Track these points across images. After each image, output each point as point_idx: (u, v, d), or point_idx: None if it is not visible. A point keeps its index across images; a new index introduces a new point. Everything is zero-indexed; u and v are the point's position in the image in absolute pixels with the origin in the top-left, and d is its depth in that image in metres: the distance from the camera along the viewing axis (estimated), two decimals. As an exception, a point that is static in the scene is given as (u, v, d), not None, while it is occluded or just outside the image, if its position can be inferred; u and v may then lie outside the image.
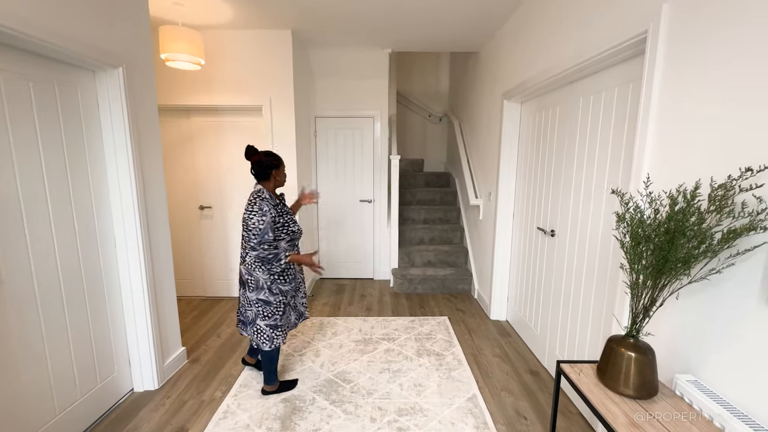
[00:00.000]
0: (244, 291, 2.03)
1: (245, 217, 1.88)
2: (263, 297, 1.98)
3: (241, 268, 2.01)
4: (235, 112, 3.40)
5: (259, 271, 1.95)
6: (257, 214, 1.86)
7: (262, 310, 1.99)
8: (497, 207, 3.08)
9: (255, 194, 1.92)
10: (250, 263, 1.94)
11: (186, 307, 3.51)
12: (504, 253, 3.13)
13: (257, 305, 1.99)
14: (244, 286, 2.01)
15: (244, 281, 2.01)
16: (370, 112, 4.02)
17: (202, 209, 3.57)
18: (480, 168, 3.68)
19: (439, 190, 4.74)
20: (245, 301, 2.03)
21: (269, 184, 2.01)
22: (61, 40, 1.59)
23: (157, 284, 2.30)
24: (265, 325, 2.00)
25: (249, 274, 1.97)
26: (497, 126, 3.11)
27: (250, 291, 1.99)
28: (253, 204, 1.88)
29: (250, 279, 1.97)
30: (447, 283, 3.87)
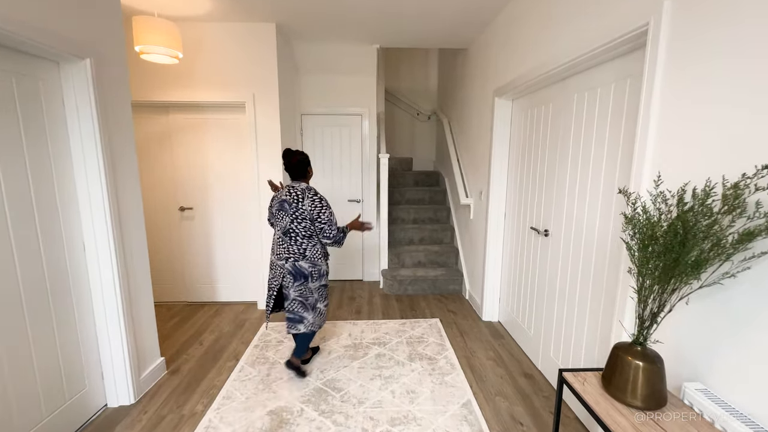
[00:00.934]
0: (303, 283, 2.17)
1: (315, 212, 2.09)
2: (324, 282, 2.27)
3: (300, 265, 2.15)
4: (216, 109, 3.25)
5: (323, 260, 2.23)
6: (327, 208, 2.13)
7: (322, 293, 2.27)
8: (489, 206, 3.03)
9: (311, 191, 2.13)
10: (314, 255, 2.17)
11: (166, 313, 3.34)
12: (496, 254, 3.08)
13: (319, 291, 2.25)
14: (306, 280, 2.17)
15: (306, 275, 2.17)
16: (357, 110, 3.91)
17: (183, 210, 3.41)
18: (470, 167, 3.63)
19: (428, 189, 4.68)
20: (306, 293, 2.20)
21: (306, 180, 2.21)
22: (16, 26, 1.44)
23: (132, 290, 2.15)
24: (323, 306, 2.29)
25: (313, 266, 2.18)
26: (488, 124, 3.05)
27: (314, 281, 2.20)
28: (319, 200, 2.11)
29: (314, 270, 2.18)
30: (438, 284, 3.81)
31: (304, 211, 2.08)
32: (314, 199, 2.10)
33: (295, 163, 2.15)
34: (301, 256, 2.13)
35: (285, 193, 2.14)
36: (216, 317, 3.28)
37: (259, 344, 2.76)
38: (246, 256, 3.48)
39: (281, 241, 2.17)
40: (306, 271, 2.16)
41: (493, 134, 2.92)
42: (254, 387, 2.23)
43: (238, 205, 3.42)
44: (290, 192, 2.13)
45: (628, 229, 1.05)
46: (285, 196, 2.13)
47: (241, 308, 3.47)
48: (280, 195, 2.16)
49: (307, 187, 2.15)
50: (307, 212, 2.08)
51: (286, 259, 2.15)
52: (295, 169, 2.16)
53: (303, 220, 2.09)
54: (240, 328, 3.05)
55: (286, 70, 3.40)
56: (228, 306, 3.51)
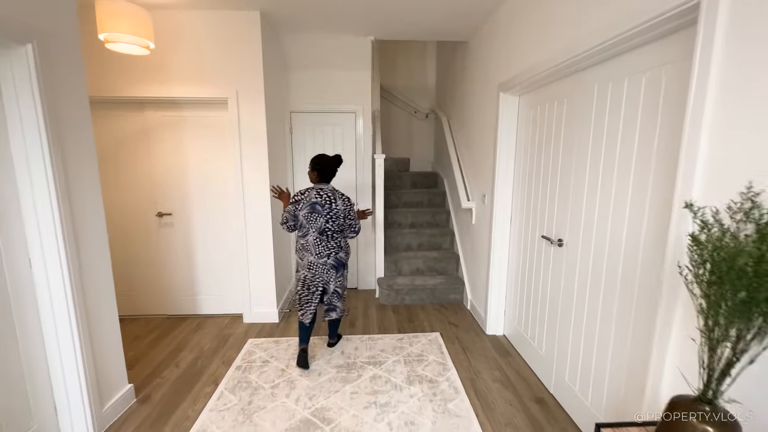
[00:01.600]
0: (341, 272, 2.47)
1: (347, 210, 2.36)
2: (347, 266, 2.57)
3: (340, 257, 2.42)
4: (196, 106, 2.99)
5: (350, 249, 2.55)
6: (353, 207, 2.42)
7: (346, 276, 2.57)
8: (493, 211, 2.79)
9: (337, 192, 2.38)
10: (346, 246, 2.48)
11: (143, 328, 3.07)
12: (501, 263, 2.84)
13: (345, 276, 2.54)
14: (344, 267, 2.49)
15: (344, 263, 2.47)
16: (351, 107, 3.66)
17: (161, 216, 3.14)
18: (472, 168, 3.38)
19: (426, 192, 4.43)
20: (344, 281, 2.53)
21: (331, 183, 2.44)
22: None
23: (92, 310, 1.89)
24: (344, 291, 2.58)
25: (346, 253, 2.48)
26: (492, 122, 2.81)
27: (347, 267, 2.53)
28: (348, 200, 2.39)
29: (347, 257, 2.49)
30: (437, 293, 3.56)
31: (338, 210, 2.32)
32: (344, 199, 2.37)
33: (329, 168, 2.36)
34: (339, 248, 2.40)
35: (314, 196, 2.30)
36: (197, 332, 3.01)
37: (242, 365, 2.50)
38: (230, 265, 3.22)
39: (318, 241, 2.34)
40: (344, 260, 2.46)
41: (497, 133, 2.67)
42: (233, 419, 1.97)
43: (221, 211, 3.15)
44: (320, 194, 2.31)
45: (694, 254, 0.81)
46: (315, 199, 2.30)
47: (225, 321, 3.20)
48: (308, 198, 2.30)
49: (333, 188, 2.38)
50: (341, 211, 2.33)
51: (327, 255, 2.37)
52: (329, 172, 2.37)
53: (337, 218, 2.33)
54: (222, 345, 2.79)
55: (273, 64, 3.14)
56: (211, 319, 3.25)
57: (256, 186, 3.00)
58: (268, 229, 3.06)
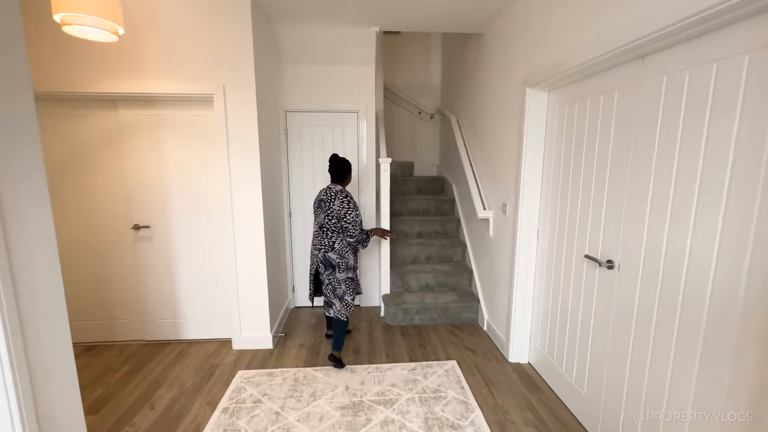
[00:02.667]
0: (332, 273, 2.45)
1: (342, 212, 2.37)
2: (351, 275, 2.51)
3: (329, 255, 2.44)
4: (177, 103, 2.61)
5: (350, 254, 2.50)
6: (354, 210, 2.40)
7: (349, 285, 2.50)
8: (517, 223, 2.45)
9: (344, 193, 2.42)
10: (342, 249, 2.45)
11: (117, 358, 2.68)
12: (526, 282, 2.50)
13: (346, 283, 2.48)
14: (333, 269, 2.45)
15: (334, 265, 2.44)
16: (353, 106, 3.31)
17: (138, 229, 2.75)
18: (489, 174, 3.05)
19: (433, 198, 4.09)
20: (335, 282, 2.46)
21: (344, 184, 2.51)
22: None
23: (34, 354, 1.50)
24: (350, 299, 2.51)
25: (341, 257, 2.45)
26: (515, 121, 2.48)
27: (340, 272, 2.46)
28: (348, 202, 2.40)
29: (341, 262, 2.45)
30: (449, 312, 3.21)
31: (334, 210, 2.38)
32: (343, 200, 2.39)
33: (337, 170, 2.47)
34: (330, 248, 2.44)
35: (323, 193, 2.48)
36: (179, 363, 2.62)
37: (230, 407, 2.12)
38: (217, 284, 2.84)
39: (317, 234, 2.50)
40: (334, 262, 2.44)
41: (523, 134, 2.34)
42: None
43: (206, 223, 2.78)
44: (327, 192, 2.46)
45: None
46: (323, 196, 2.47)
47: (211, 348, 2.82)
48: (320, 194, 2.50)
49: (341, 189, 2.44)
50: (335, 211, 2.38)
51: (319, 249, 2.49)
52: (336, 174, 2.48)
53: (333, 217, 2.39)
54: (207, 379, 2.41)
55: (265, 57, 2.79)
56: (196, 345, 2.86)
57: (247, 195, 2.63)
58: (260, 244, 2.69)
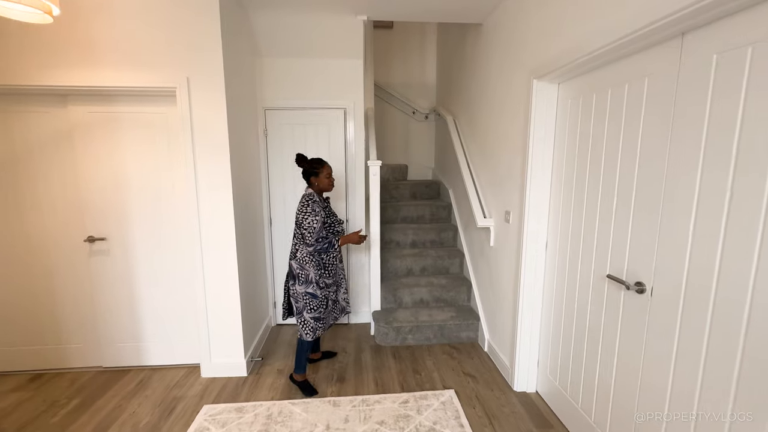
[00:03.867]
0: (293, 283, 2.22)
1: (300, 217, 2.12)
2: (311, 290, 2.19)
3: (291, 263, 2.23)
4: (136, 99, 2.30)
5: (311, 266, 2.17)
6: (310, 215, 2.10)
7: (309, 302, 2.19)
8: (523, 234, 2.15)
9: (306, 197, 2.15)
10: (303, 258, 2.17)
11: (67, 389, 2.34)
12: (533, 300, 2.20)
13: (305, 298, 2.19)
14: (295, 279, 2.21)
15: (294, 275, 2.21)
16: (339, 103, 3.01)
17: (93, 242, 2.42)
18: (489, 178, 2.75)
19: (429, 204, 3.79)
20: (296, 295, 2.22)
21: (313, 188, 2.23)
22: None
23: None
24: (310, 318, 2.20)
25: (301, 268, 2.18)
26: (520, 119, 2.19)
27: (299, 284, 2.19)
28: (305, 206, 2.12)
29: (301, 273, 2.18)
30: (446, 331, 2.90)
31: (297, 214, 2.16)
32: (304, 203, 2.13)
33: (302, 170, 2.25)
34: (293, 255, 2.22)
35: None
36: (137, 394, 2.29)
37: (187, 454, 1.79)
38: (184, 301, 2.51)
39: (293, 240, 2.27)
40: (294, 271, 2.21)
41: (529, 132, 2.05)
42: None
43: (171, 233, 2.45)
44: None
45: None
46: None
47: (177, 376, 2.48)
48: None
49: (307, 193, 2.17)
50: (296, 216, 2.16)
51: (289, 255, 2.33)
52: (303, 175, 2.25)
53: (295, 223, 2.18)
54: (166, 416, 2.08)
55: (238, 47, 2.48)
56: (160, 373, 2.53)
57: (216, 202, 2.31)
58: (232, 256, 2.37)
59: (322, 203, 2.22)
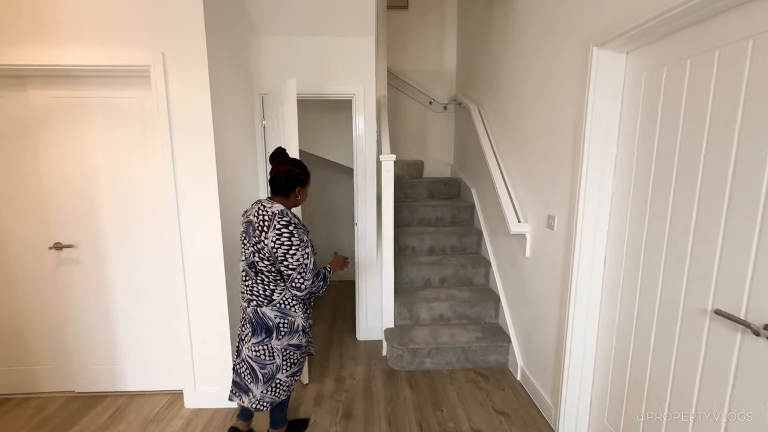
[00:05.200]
0: (262, 340, 1.51)
1: (278, 250, 1.41)
2: (295, 342, 1.57)
3: (263, 312, 1.50)
4: (106, 82, 1.94)
5: (298, 309, 1.55)
6: (299, 248, 1.43)
7: (289, 357, 1.56)
8: (575, 244, 1.71)
9: (281, 218, 1.43)
10: (285, 301, 1.52)
11: (29, 420, 2.01)
12: (587, 329, 1.76)
13: (285, 354, 1.55)
14: (267, 335, 1.51)
15: (269, 328, 1.51)
16: (348, 89, 2.61)
17: (60, 249, 2.08)
18: (525, 174, 2.31)
19: (448, 204, 3.36)
20: (265, 355, 1.52)
21: (288, 202, 1.56)
22: None
23: None
24: (286, 377, 1.59)
25: (284, 315, 1.52)
26: (570, 101, 1.75)
27: (280, 338, 1.52)
28: (288, 234, 1.41)
29: (284, 323, 1.52)
30: (471, 354, 2.48)
31: (266, 244, 1.44)
32: (282, 231, 1.42)
33: (281, 176, 1.52)
34: (266, 300, 1.51)
35: (254, 212, 1.50)
36: (112, 427, 1.95)
37: None
38: (165, 319, 2.16)
39: (245, 276, 1.56)
40: (270, 323, 1.52)
41: (585, 117, 1.61)
42: None
43: (147, 238, 2.10)
44: (259, 211, 1.48)
45: None
46: (252, 216, 1.50)
47: (158, 405, 2.14)
48: (249, 212, 1.53)
49: (281, 211, 1.46)
50: (267, 248, 1.44)
51: (248, 301, 1.55)
52: (279, 181, 1.53)
53: (265, 257, 1.46)
54: (138, 462, 1.73)
55: (226, 21, 2.10)
56: (139, 401, 2.18)
57: (199, 203, 1.94)
58: (220, 270, 2.00)
59: (300, 222, 1.55)
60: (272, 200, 1.51)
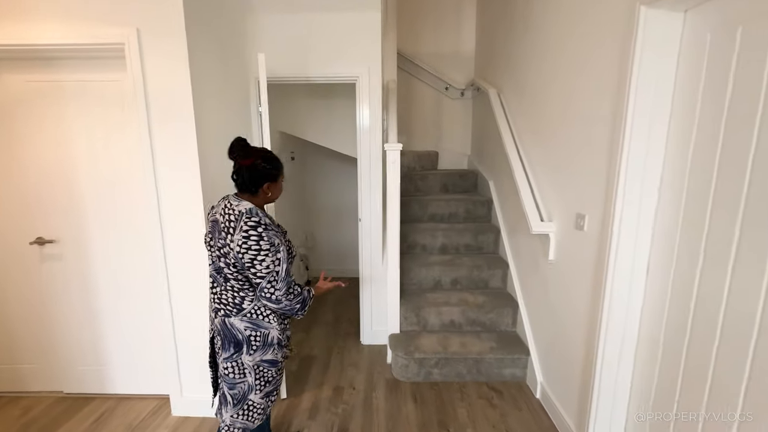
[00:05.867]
0: (231, 356, 1.28)
1: (245, 255, 1.16)
2: (269, 357, 1.32)
3: (231, 323, 1.27)
4: (79, 63, 1.78)
5: (273, 320, 1.30)
6: (269, 253, 1.18)
7: (263, 375, 1.32)
8: (611, 249, 1.42)
9: (249, 218, 1.18)
10: (257, 311, 1.28)
11: (14, 421, 1.92)
12: (624, 349, 1.47)
13: (258, 372, 1.31)
14: (236, 349, 1.28)
15: (239, 342, 1.27)
16: (351, 71, 2.36)
17: (42, 244, 1.97)
18: (549, 166, 2.01)
19: (463, 199, 3.08)
20: (234, 373, 1.29)
21: (257, 199, 1.29)
22: None
23: None
24: (260, 398, 1.35)
25: (255, 327, 1.28)
26: (608, 75, 1.44)
27: (250, 352, 1.28)
28: (257, 236, 1.16)
29: (255, 336, 1.28)
30: (484, 367, 2.23)
31: (231, 248, 1.19)
32: (249, 234, 1.17)
33: (244, 168, 1.25)
34: (235, 309, 1.27)
35: (220, 210, 1.26)
36: (98, 431, 1.84)
37: None
38: (151, 315, 2.01)
39: (213, 283, 1.32)
40: (240, 335, 1.28)
41: (628, 94, 1.30)
42: None
43: (131, 232, 1.95)
44: (225, 210, 1.23)
45: None
46: (219, 215, 1.25)
47: (144, 411, 2.01)
48: (216, 209, 1.29)
49: (249, 210, 1.22)
50: (233, 253, 1.19)
51: (216, 310, 1.31)
52: (242, 177, 1.26)
53: (231, 262, 1.21)
54: (113, 478, 1.59)
55: None
56: (126, 404, 2.06)
57: (181, 194, 1.77)
58: (205, 268, 1.82)
59: (275, 224, 1.32)
60: (239, 197, 1.26)
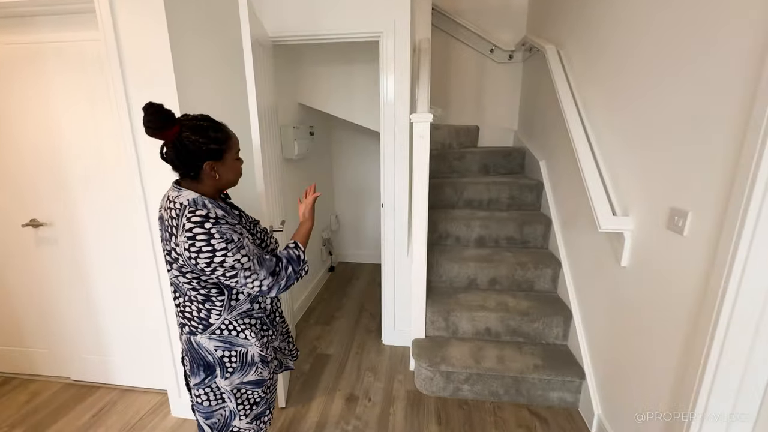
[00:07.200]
0: (203, 381, 1.02)
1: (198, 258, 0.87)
2: (253, 377, 1.05)
3: (197, 342, 1.00)
4: (57, 20, 1.54)
5: (249, 333, 1.03)
6: (229, 252, 0.89)
7: (247, 397, 1.06)
8: (737, 263, 0.95)
9: (192, 213, 0.88)
10: (228, 327, 1.01)
11: (20, 407, 1.87)
12: (739, 405, 1.03)
13: (242, 393, 1.05)
14: (209, 374, 1.01)
15: (210, 364, 1.01)
16: (372, 30, 1.95)
17: (37, 227, 1.83)
18: (627, 143, 1.51)
19: (507, 182, 2.60)
20: (209, 402, 1.04)
21: (202, 186, 0.96)
22: None
23: None
24: (247, 423, 1.09)
25: (228, 346, 1.01)
26: (729, 12, 0.93)
27: (226, 376, 1.01)
28: (200, 237, 0.86)
29: (229, 355, 1.01)
30: (525, 387, 1.84)
31: (178, 252, 0.90)
32: (194, 232, 0.86)
33: (169, 146, 0.91)
34: (201, 325, 0.99)
35: (164, 204, 0.96)
36: (95, 427, 1.72)
37: None
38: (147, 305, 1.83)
39: (175, 293, 1.02)
40: (210, 357, 1.00)
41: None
42: None
43: (123, 214, 1.75)
44: (167, 205, 0.93)
45: None
46: (163, 210, 0.95)
47: (144, 408, 1.87)
48: (160, 204, 0.98)
49: (193, 201, 0.90)
50: (182, 258, 0.90)
51: (181, 326, 1.03)
52: (169, 157, 0.93)
53: (183, 270, 0.93)
54: (98, 487, 1.45)
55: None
56: (129, 397, 1.95)
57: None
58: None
59: (232, 212, 1.01)
60: (179, 186, 0.95)
